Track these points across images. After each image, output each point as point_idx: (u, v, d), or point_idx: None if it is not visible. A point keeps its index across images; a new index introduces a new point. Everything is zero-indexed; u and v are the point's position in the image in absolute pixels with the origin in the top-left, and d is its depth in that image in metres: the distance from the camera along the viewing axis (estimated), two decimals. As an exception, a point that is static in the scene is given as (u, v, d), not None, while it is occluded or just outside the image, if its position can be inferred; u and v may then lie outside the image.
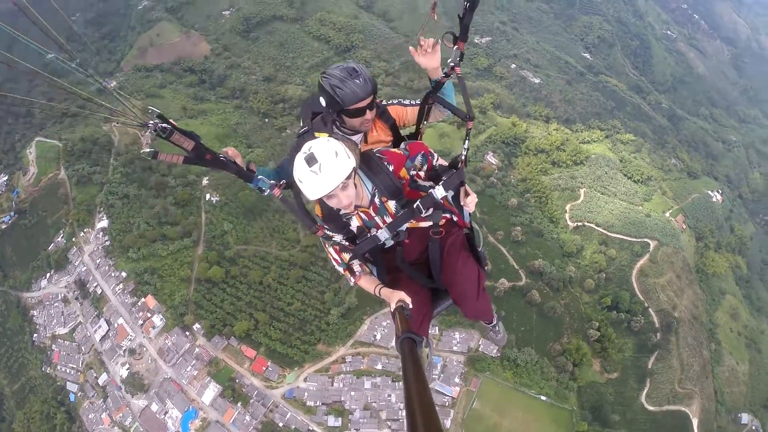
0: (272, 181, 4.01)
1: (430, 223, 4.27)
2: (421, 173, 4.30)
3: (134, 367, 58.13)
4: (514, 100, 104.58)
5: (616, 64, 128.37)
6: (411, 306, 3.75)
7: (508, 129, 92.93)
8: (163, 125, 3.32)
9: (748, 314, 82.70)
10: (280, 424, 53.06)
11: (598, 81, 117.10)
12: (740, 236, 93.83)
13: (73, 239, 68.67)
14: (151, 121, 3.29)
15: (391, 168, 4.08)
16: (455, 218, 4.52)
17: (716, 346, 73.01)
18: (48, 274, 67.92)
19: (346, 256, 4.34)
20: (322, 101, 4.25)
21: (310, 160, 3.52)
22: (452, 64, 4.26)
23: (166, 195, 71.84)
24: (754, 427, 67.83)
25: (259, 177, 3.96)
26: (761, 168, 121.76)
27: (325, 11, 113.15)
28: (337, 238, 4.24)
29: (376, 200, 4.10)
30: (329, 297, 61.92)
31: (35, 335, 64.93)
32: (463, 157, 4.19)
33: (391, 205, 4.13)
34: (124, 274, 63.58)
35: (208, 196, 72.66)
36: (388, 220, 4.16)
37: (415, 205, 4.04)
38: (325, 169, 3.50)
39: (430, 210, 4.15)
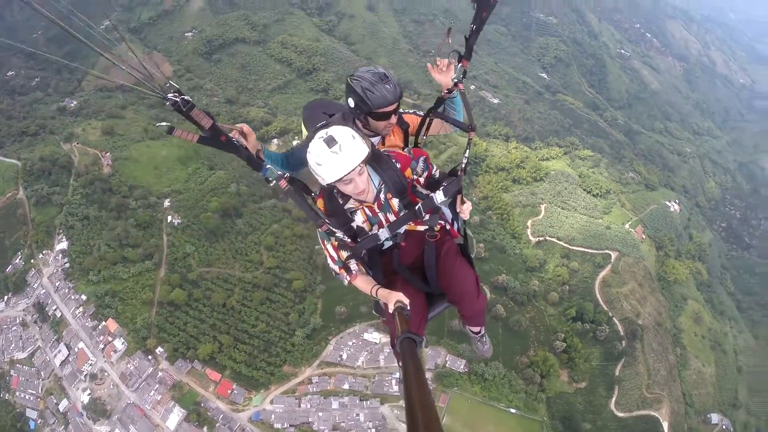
0: (279, 172, 3.98)
1: (427, 227, 4.38)
2: (421, 179, 4.42)
3: (96, 392, 56.32)
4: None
5: (573, 83, 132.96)
6: (409, 307, 3.76)
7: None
8: (185, 98, 3.24)
9: (711, 318, 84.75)
10: (248, 448, 52.06)
11: (556, 100, 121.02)
12: (699, 243, 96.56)
13: (32, 261, 66.72)
14: (170, 93, 3.20)
15: (398, 165, 4.21)
16: (448, 227, 4.65)
17: (682, 351, 74.62)
18: (6, 297, 65.56)
19: (344, 254, 4.36)
20: (351, 102, 4.38)
21: (330, 141, 3.62)
22: (455, 80, 4.59)
23: (127, 217, 70.44)
24: (724, 426, 69.13)
25: (268, 167, 3.92)
26: (716, 177, 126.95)
27: (287, 34, 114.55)
28: (339, 233, 4.23)
29: (382, 196, 4.20)
30: (294, 318, 61.40)
31: (-7, 360, 62.60)
32: (463, 166, 4.35)
33: (395, 203, 4.24)
34: (84, 297, 61.98)
35: (170, 218, 71.52)
36: (392, 217, 4.26)
37: (416, 207, 4.17)
38: (345, 149, 3.60)
39: (427, 215, 4.26)
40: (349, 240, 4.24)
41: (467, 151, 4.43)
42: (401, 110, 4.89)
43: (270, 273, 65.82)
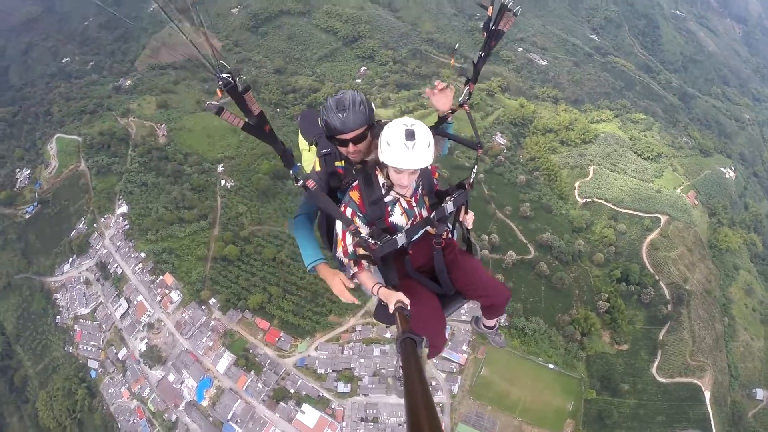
0: (308, 172, 3.96)
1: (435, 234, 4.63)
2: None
3: (152, 340, 60.26)
4: (521, 83, 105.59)
5: (624, 45, 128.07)
6: (409, 307, 3.76)
7: (515, 110, 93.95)
8: (243, 77, 3.09)
9: (764, 291, 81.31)
10: (292, 391, 54.61)
11: (607, 61, 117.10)
12: (755, 213, 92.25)
13: (95, 225, 71.59)
14: (225, 74, 3.00)
15: (430, 168, 4.48)
16: (448, 235, 4.88)
17: (730, 321, 72.11)
18: (70, 259, 70.55)
19: (360, 250, 4.33)
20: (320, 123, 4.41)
21: (410, 135, 3.71)
22: (461, 101, 4.62)
23: (182, 182, 74.36)
24: (769, 403, 66.60)
25: (299, 164, 3.87)
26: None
27: (331, 3, 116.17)
28: (365, 235, 4.21)
29: (418, 192, 4.42)
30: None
31: (58, 317, 67.09)
32: (471, 180, 4.59)
33: (427, 200, 4.50)
34: (143, 254, 65.89)
35: (223, 182, 75.09)
36: (425, 213, 4.46)
37: (431, 216, 4.40)
38: (417, 149, 3.74)
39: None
40: (372, 242, 4.18)
41: (476, 167, 4.65)
42: None
43: (319, 229, 67.86)
